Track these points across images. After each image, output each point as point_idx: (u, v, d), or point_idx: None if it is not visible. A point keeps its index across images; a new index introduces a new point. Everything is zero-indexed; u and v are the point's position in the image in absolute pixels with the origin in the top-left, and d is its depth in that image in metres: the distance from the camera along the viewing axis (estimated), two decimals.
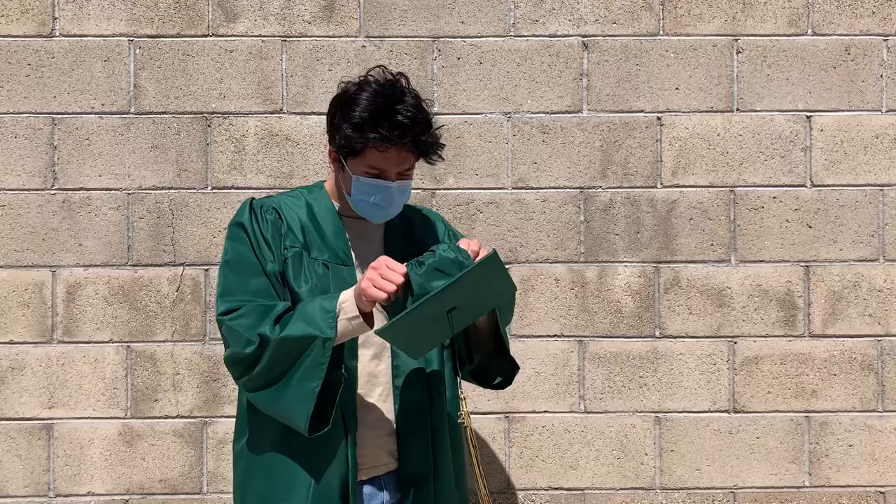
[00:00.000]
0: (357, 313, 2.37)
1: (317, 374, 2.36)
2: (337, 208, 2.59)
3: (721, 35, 3.50)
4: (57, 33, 3.45)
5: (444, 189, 3.44)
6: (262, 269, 2.48)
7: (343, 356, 2.46)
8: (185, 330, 3.46)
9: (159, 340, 3.46)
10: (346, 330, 2.39)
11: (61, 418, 3.44)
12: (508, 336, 2.64)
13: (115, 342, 3.45)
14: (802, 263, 3.50)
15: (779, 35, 3.50)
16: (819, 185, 3.50)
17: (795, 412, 3.50)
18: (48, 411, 3.44)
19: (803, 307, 3.50)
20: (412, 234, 2.62)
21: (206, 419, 3.46)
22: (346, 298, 2.39)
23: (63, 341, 3.45)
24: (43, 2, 3.45)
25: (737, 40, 3.50)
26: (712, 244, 3.50)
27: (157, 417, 3.45)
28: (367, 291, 2.30)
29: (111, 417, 3.45)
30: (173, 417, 3.46)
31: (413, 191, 3.22)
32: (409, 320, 2.25)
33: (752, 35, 3.50)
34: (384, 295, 2.29)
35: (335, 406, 2.40)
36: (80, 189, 3.45)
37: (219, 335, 3.34)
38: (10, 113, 3.45)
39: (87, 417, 3.45)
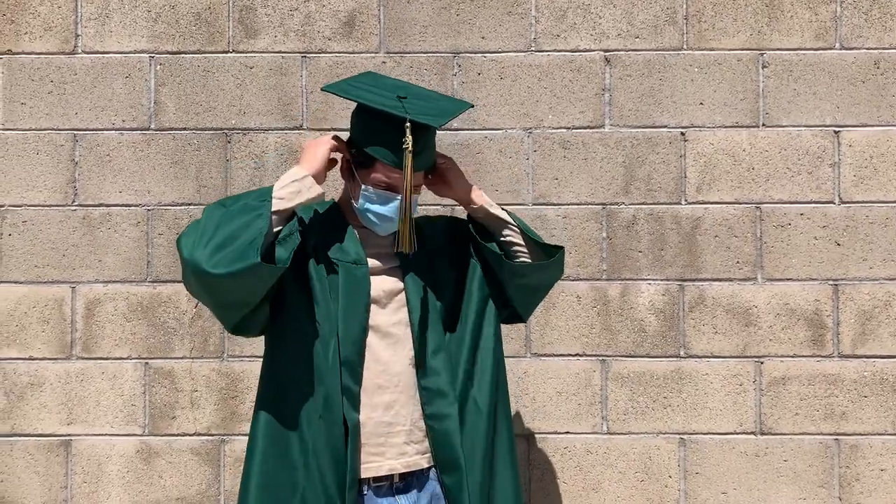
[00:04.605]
0: (303, 174, 2.48)
1: (259, 210, 2.41)
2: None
3: (746, 49, 3.44)
4: (79, 50, 3.47)
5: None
6: None
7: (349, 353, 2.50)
8: (204, 347, 3.44)
9: (177, 357, 3.44)
10: (292, 190, 2.45)
11: (79, 435, 3.43)
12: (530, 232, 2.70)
13: (134, 359, 3.44)
14: (831, 282, 3.42)
15: (806, 49, 3.44)
16: (848, 202, 3.43)
17: (825, 435, 3.41)
18: (66, 427, 3.43)
19: (832, 326, 3.42)
20: (425, 239, 2.60)
21: (224, 437, 3.43)
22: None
23: (82, 357, 3.44)
24: (66, 19, 3.47)
25: (762, 54, 3.44)
26: (738, 262, 3.43)
27: (174, 435, 3.43)
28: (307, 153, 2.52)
29: (129, 434, 3.43)
30: (191, 435, 3.43)
31: (432, 207, 3.21)
32: (350, 86, 2.54)
33: (778, 49, 3.44)
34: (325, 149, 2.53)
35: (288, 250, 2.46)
36: (101, 205, 3.45)
37: (237, 352, 3.43)
38: (33, 129, 3.47)
39: (105, 434, 3.43)
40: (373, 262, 2.56)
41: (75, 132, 3.46)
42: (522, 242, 2.66)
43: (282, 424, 2.49)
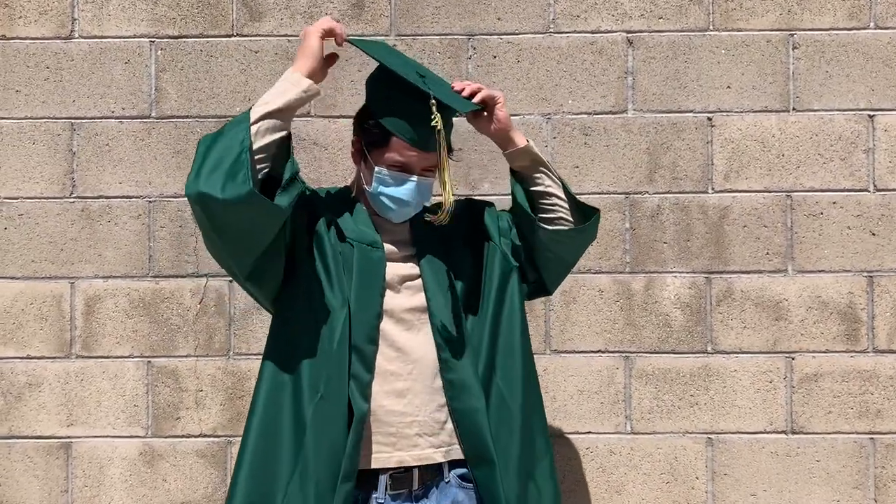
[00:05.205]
0: (290, 72, 2.32)
1: (240, 128, 2.25)
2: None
3: (775, 30, 3.32)
4: (76, 35, 3.36)
5: (480, 195, 3.27)
6: None
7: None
8: (209, 344, 3.33)
9: (181, 355, 3.33)
10: (277, 91, 2.30)
11: (80, 437, 3.33)
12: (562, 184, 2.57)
13: (136, 357, 3.34)
14: (865, 273, 3.29)
15: (838, 29, 3.31)
16: (883, 190, 3.30)
17: (859, 433, 3.28)
18: (66, 429, 3.33)
19: (867, 320, 3.29)
20: (441, 226, 2.47)
21: (231, 438, 3.32)
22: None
23: (82, 356, 3.33)
24: (62, 2, 3.35)
25: (792, 35, 3.32)
26: (768, 253, 3.31)
27: (178, 436, 3.33)
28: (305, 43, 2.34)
29: (131, 436, 3.33)
30: (196, 436, 3.33)
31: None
32: (373, 49, 2.42)
33: (809, 29, 3.31)
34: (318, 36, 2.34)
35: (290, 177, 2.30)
36: (100, 197, 3.35)
37: (244, 349, 3.33)
38: (29, 118, 3.36)
39: (107, 436, 3.33)
40: (388, 248, 2.46)
41: (73, 121, 3.35)
42: (561, 196, 2.53)
43: (280, 392, 2.38)
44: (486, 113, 2.47)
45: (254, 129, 2.24)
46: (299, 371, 2.37)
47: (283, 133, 2.29)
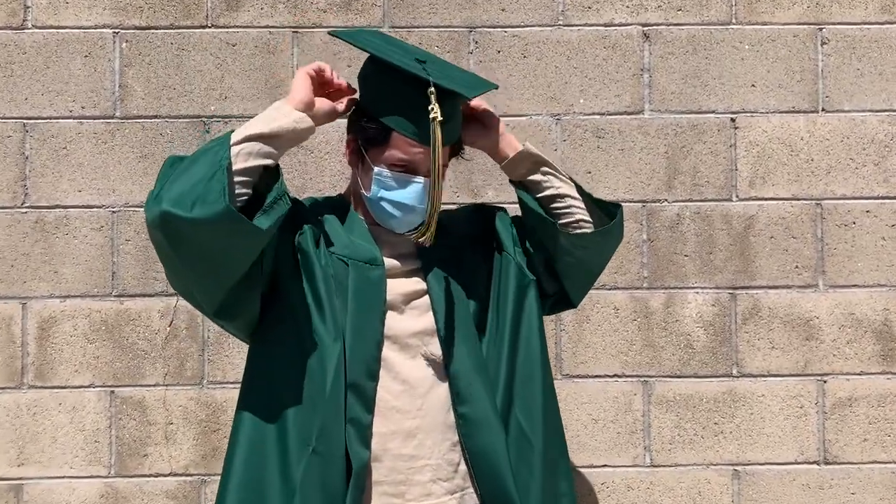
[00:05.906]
0: (281, 104, 2.14)
1: (220, 149, 2.03)
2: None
3: (803, 23, 3.20)
4: (29, 25, 3.18)
5: (484, 202, 3.06)
6: None
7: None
8: (180, 372, 3.12)
9: (149, 384, 3.13)
10: (266, 117, 2.11)
11: (33, 478, 3.12)
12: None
13: (97, 387, 3.13)
14: None
15: (870, 23, 3.20)
16: None
17: None
18: (17, 469, 3.12)
19: None
20: (448, 233, 2.25)
21: (205, 477, 3.12)
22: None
23: (35, 386, 3.13)
24: None
25: (821, 30, 3.20)
26: (797, 266, 3.16)
27: (146, 476, 3.13)
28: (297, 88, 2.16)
29: (92, 476, 3.13)
30: (166, 475, 3.12)
31: (449, 206, 2.87)
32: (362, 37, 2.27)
33: (839, 23, 3.20)
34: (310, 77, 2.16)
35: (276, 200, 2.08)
36: (56, 207, 3.16)
37: (220, 377, 3.11)
38: None
39: (64, 477, 3.13)
40: (390, 263, 2.21)
41: (25, 121, 3.18)
42: (575, 195, 2.32)
43: (262, 447, 2.12)
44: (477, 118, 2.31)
45: (235, 149, 2.02)
46: (286, 420, 2.12)
47: (269, 161, 2.06)
